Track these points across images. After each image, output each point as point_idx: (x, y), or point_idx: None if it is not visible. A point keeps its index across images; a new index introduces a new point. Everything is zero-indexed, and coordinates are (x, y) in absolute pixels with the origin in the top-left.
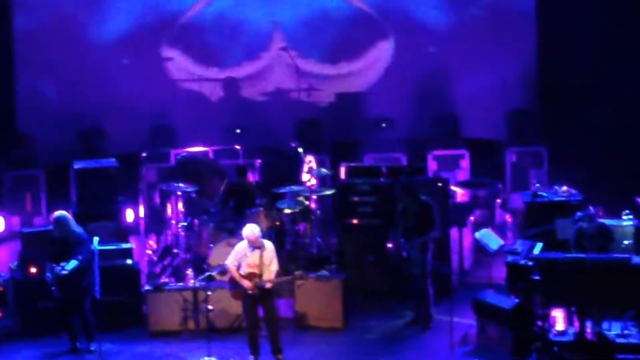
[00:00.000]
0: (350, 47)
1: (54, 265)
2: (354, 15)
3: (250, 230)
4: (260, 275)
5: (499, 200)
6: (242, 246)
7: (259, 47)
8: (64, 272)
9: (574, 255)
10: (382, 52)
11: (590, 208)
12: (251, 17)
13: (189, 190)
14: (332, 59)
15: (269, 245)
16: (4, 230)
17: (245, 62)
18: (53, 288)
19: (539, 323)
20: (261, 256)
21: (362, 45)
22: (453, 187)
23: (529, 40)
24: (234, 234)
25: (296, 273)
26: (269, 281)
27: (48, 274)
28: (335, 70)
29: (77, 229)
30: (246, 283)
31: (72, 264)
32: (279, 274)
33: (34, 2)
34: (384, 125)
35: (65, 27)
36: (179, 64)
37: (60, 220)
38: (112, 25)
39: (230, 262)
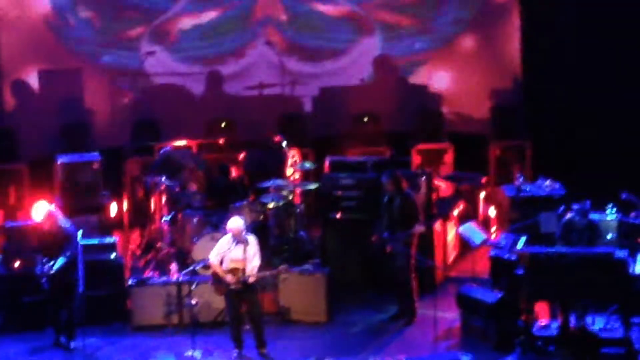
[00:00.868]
0: (335, 44)
1: (44, 260)
2: (340, 12)
3: (235, 223)
4: (243, 270)
5: (482, 194)
6: (225, 240)
7: (243, 41)
8: (51, 271)
9: (558, 249)
10: (367, 48)
11: (587, 203)
12: (236, 11)
13: (172, 184)
14: (316, 57)
15: (252, 239)
16: None
17: (229, 57)
18: (43, 281)
19: (523, 317)
20: (244, 251)
21: (347, 42)
22: (437, 181)
23: (513, 33)
24: (218, 228)
25: (279, 268)
26: (252, 276)
27: (38, 268)
28: (319, 68)
29: (65, 223)
30: (229, 277)
31: (60, 261)
32: (261, 269)
33: None
34: (365, 119)
35: (47, 21)
36: (162, 58)
37: (48, 214)
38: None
39: (213, 256)
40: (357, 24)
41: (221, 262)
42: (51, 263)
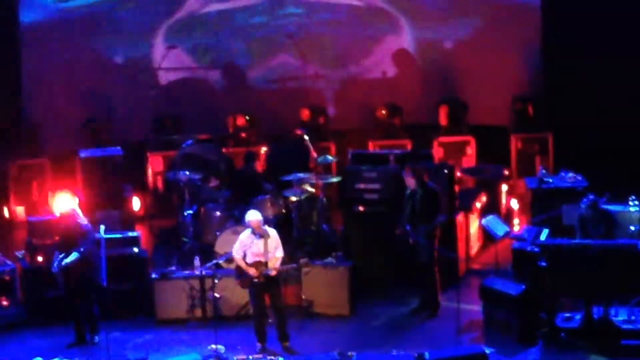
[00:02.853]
0: (360, 42)
1: (60, 256)
2: (366, 10)
3: (253, 216)
4: (266, 264)
5: (505, 186)
6: (246, 235)
7: (265, 35)
8: (62, 264)
9: (580, 241)
10: (390, 43)
11: (590, 195)
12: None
13: (194, 178)
14: (341, 58)
15: (272, 233)
16: None
17: (250, 52)
18: (57, 277)
19: (546, 309)
20: (265, 244)
21: (372, 41)
22: (459, 174)
23: (534, 25)
24: (241, 221)
25: (301, 261)
26: (274, 269)
27: (54, 264)
28: (344, 72)
29: (82, 220)
30: (252, 271)
31: (73, 256)
32: (284, 262)
33: None
34: (383, 112)
35: (69, 19)
36: (184, 53)
37: (68, 209)
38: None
39: (235, 251)
40: (382, 20)
41: (244, 257)
42: (61, 256)
